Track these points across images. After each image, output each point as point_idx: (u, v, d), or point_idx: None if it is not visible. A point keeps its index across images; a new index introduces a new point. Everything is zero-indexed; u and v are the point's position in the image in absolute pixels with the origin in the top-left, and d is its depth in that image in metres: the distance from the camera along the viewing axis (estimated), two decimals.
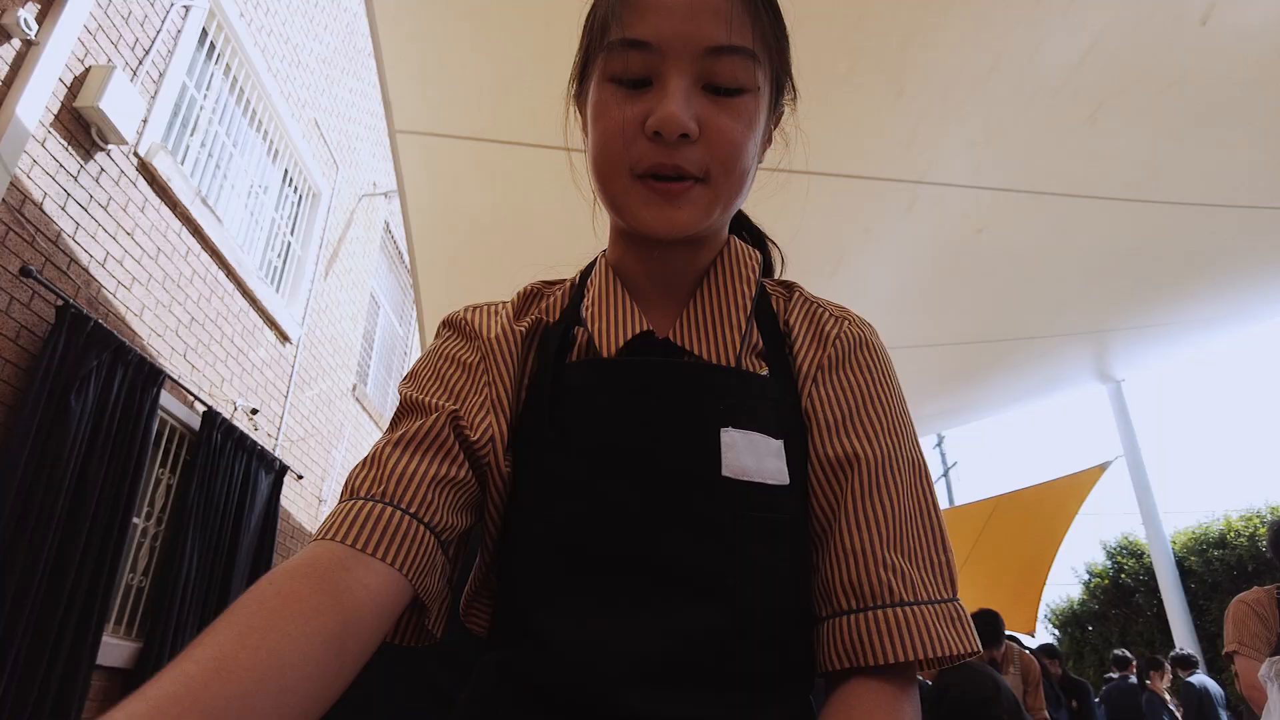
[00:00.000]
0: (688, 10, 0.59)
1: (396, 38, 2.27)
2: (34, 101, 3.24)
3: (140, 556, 4.23)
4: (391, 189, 7.93)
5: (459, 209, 2.99)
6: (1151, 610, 9.79)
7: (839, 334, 0.66)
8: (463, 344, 0.67)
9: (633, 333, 0.64)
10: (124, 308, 3.96)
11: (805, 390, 0.64)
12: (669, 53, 0.59)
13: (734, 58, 0.60)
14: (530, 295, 0.74)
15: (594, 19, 0.67)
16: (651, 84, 0.61)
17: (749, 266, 0.70)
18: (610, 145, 0.61)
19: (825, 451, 0.61)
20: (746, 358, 0.64)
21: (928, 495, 0.61)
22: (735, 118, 0.61)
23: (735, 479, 0.57)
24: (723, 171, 0.61)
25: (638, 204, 0.62)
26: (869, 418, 0.62)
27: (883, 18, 2.18)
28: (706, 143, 0.60)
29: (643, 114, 0.60)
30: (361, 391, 7.64)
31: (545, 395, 0.63)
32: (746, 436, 0.59)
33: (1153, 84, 2.43)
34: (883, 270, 3.37)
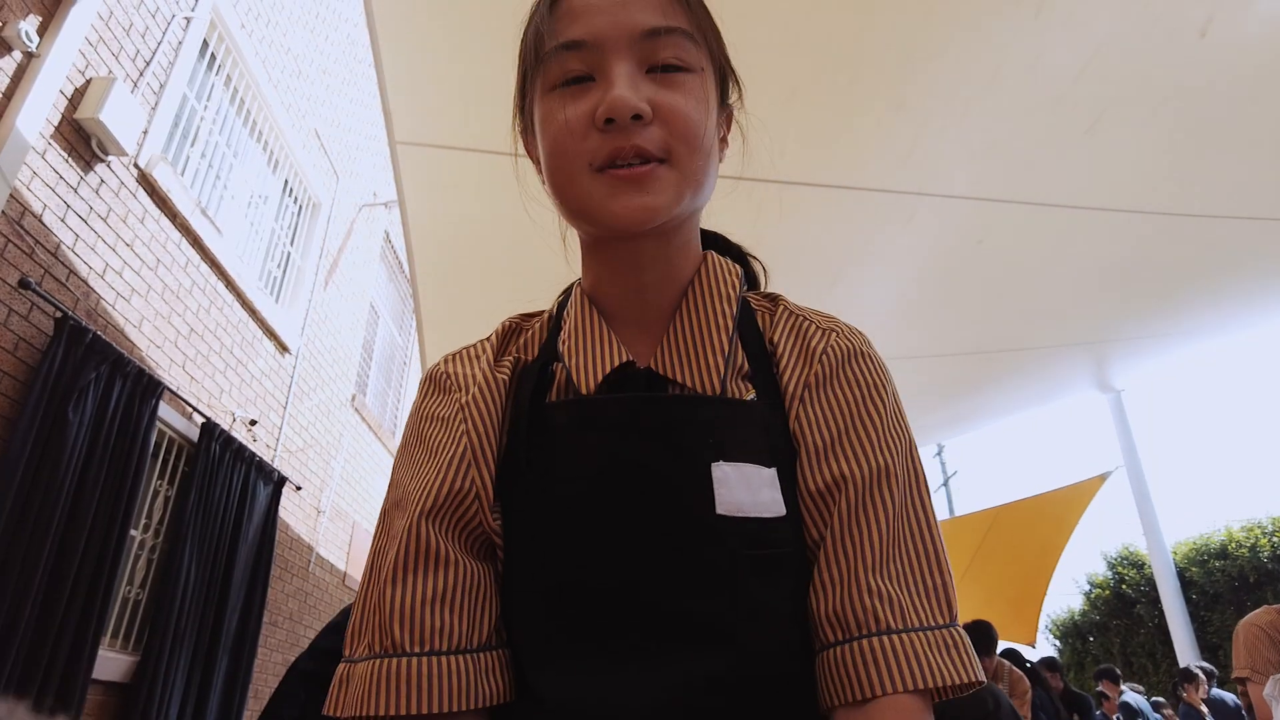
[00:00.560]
0: (616, 4, 0.59)
1: (397, 49, 2.27)
2: (34, 113, 3.25)
3: (138, 568, 4.20)
4: (391, 199, 7.94)
5: (459, 220, 2.99)
6: (1153, 621, 9.76)
7: (826, 348, 0.62)
8: (442, 399, 0.65)
9: (612, 365, 0.61)
10: (123, 319, 3.95)
11: (793, 411, 0.60)
12: (606, 44, 0.58)
13: (672, 37, 0.59)
14: (509, 331, 0.71)
15: (526, 43, 0.66)
16: (594, 80, 0.59)
17: (728, 283, 0.66)
18: (563, 145, 0.59)
19: (814, 479, 0.57)
20: (732, 382, 0.61)
21: (923, 513, 0.57)
22: (686, 94, 0.59)
23: (731, 516, 0.54)
24: (685, 148, 0.58)
25: (603, 197, 0.58)
26: (859, 435, 0.58)
27: (883, 30, 2.18)
28: (662, 122, 0.58)
29: (591, 108, 0.58)
30: (360, 402, 7.63)
31: (522, 437, 0.60)
32: (738, 469, 0.56)
33: (1152, 95, 2.43)
34: (883, 281, 3.37)
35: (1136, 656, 10.14)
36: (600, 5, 0.59)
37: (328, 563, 6.78)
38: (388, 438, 8.53)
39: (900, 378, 0.67)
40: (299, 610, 6.16)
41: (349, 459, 7.34)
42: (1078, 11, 2.12)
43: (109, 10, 3.78)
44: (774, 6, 2.10)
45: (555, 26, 0.61)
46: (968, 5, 2.12)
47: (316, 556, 6.52)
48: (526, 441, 0.60)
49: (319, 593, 6.58)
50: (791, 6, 2.11)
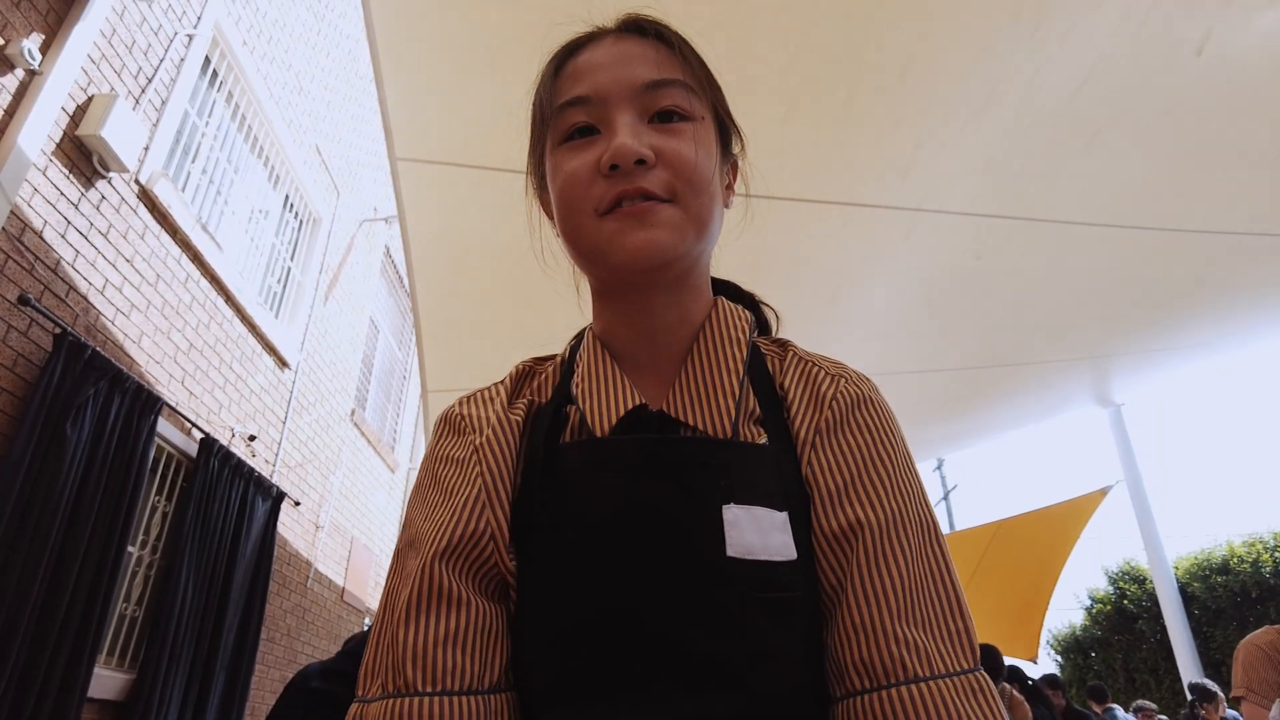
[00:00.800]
0: (617, 61, 0.63)
1: (398, 66, 2.28)
2: (36, 130, 3.26)
3: (134, 585, 4.18)
4: (392, 214, 7.96)
5: (460, 236, 3.00)
6: (1155, 637, 9.71)
7: (835, 394, 0.63)
8: (456, 440, 0.66)
9: (625, 408, 0.62)
10: (122, 335, 3.95)
11: (805, 456, 0.61)
12: (609, 98, 0.62)
13: (671, 88, 0.63)
14: (523, 375, 0.72)
15: (535, 107, 0.70)
16: (599, 133, 0.63)
17: (739, 328, 0.67)
18: (571, 193, 0.62)
19: (829, 523, 0.58)
20: (744, 426, 0.62)
21: (940, 558, 0.58)
22: (687, 140, 0.62)
23: (741, 559, 0.55)
24: (688, 189, 0.61)
25: (610, 236, 0.61)
26: (872, 481, 0.59)
27: (881, 47, 2.20)
28: (665, 165, 0.61)
29: (596, 156, 0.61)
30: (360, 416, 7.62)
31: (536, 479, 0.61)
32: (749, 512, 0.56)
33: (1149, 112, 2.44)
34: (882, 296, 3.37)
35: (1139, 672, 10.08)
36: (601, 63, 0.64)
37: (326, 578, 6.75)
38: (386, 452, 8.51)
39: (899, 392, 0.68)
40: (296, 626, 6.13)
41: (348, 474, 7.32)
42: (1075, 29, 2.13)
43: (111, 28, 3.80)
44: (771, 24, 2.12)
45: (560, 86, 0.65)
46: (965, 23, 2.13)
47: (315, 572, 6.49)
48: (540, 483, 0.60)
49: (317, 608, 6.55)
50: (789, 24, 2.12)
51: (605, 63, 0.64)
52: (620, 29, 0.68)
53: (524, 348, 3.08)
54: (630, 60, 0.63)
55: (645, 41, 0.66)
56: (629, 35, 0.67)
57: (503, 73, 2.36)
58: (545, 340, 3.16)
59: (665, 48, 0.65)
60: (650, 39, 0.66)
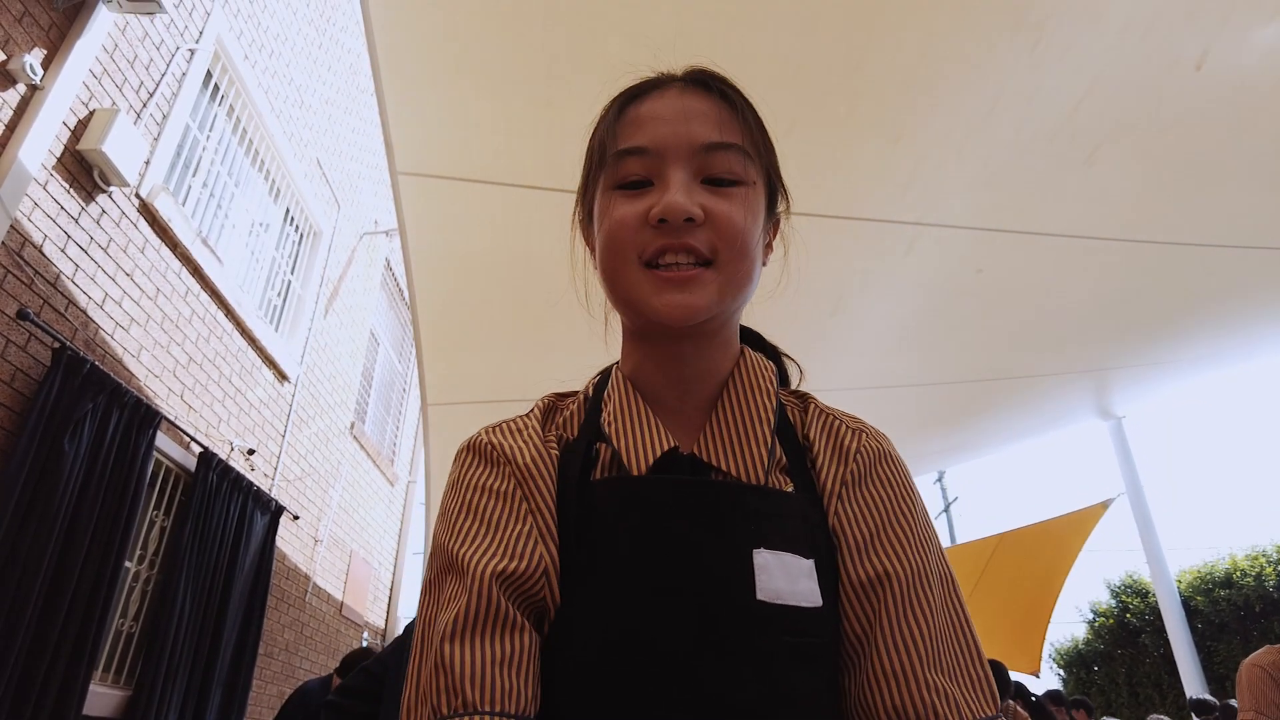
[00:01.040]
0: (680, 117, 0.65)
1: (399, 81, 2.28)
2: (37, 145, 3.26)
3: (131, 601, 4.15)
4: (392, 227, 7.97)
5: (460, 250, 3.00)
6: (1158, 651, 9.65)
7: (859, 448, 0.66)
8: (491, 471, 0.65)
9: (660, 450, 0.63)
10: (121, 349, 3.94)
11: (832, 507, 0.63)
12: (667, 153, 0.64)
13: (727, 153, 0.64)
14: (549, 409, 0.73)
15: (593, 145, 0.71)
16: (653, 184, 0.64)
17: (766, 379, 0.69)
18: (618, 238, 0.63)
19: (857, 572, 0.60)
20: (773, 474, 0.64)
21: (961, 609, 0.61)
22: (737, 204, 0.63)
23: (770, 603, 0.56)
24: (730, 252, 0.63)
25: (649, 292, 0.62)
26: (896, 534, 0.61)
27: (881, 63, 2.20)
28: (712, 226, 0.62)
29: (647, 208, 0.63)
30: (360, 430, 7.60)
31: (571, 517, 0.61)
32: (779, 558, 0.58)
33: (1149, 127, 2.45)
34: (883, 310, 3.37)
35: (1142, 687, 10.01)
36: (664, 116, 0.65)
37: (324, 592, 6.71)
38: (386, 466, 8.49)
39: (901, 405, 0.70)
40: (295, 641, 6.09)
41: (347, 487, 7.29)
42: (1075, 45, 2.14)
43: (114, 43, 3.82)
44: (773, 41, 2.12)
45: (622, 132, 0.66)
46: (965, 38, 2.14)
47: (313, 586, 6.45)
48: (576, 518, 0.61)
49: (315, 623, 6.51)
50: (790, 41, 2.12)
51: (668, 116, 0.65)
52: (686, 80, 0.69)
53: (524, 362, 3.09)
54: (692, 118, 0.64)
55: (708, 98, 0.66)
56: (694, 89, 0.67)
57: (503, 88, 2.37)
58: (545, 354, 3.16)
59: (727, 108, 0.66)
60: (714, 96, 0.67)
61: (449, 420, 3.72)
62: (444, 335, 3.37)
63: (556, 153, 2.49)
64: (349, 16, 7.19)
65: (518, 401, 3.92)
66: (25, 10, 3.28)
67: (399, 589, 9.01)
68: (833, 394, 3.94)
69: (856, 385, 3.88)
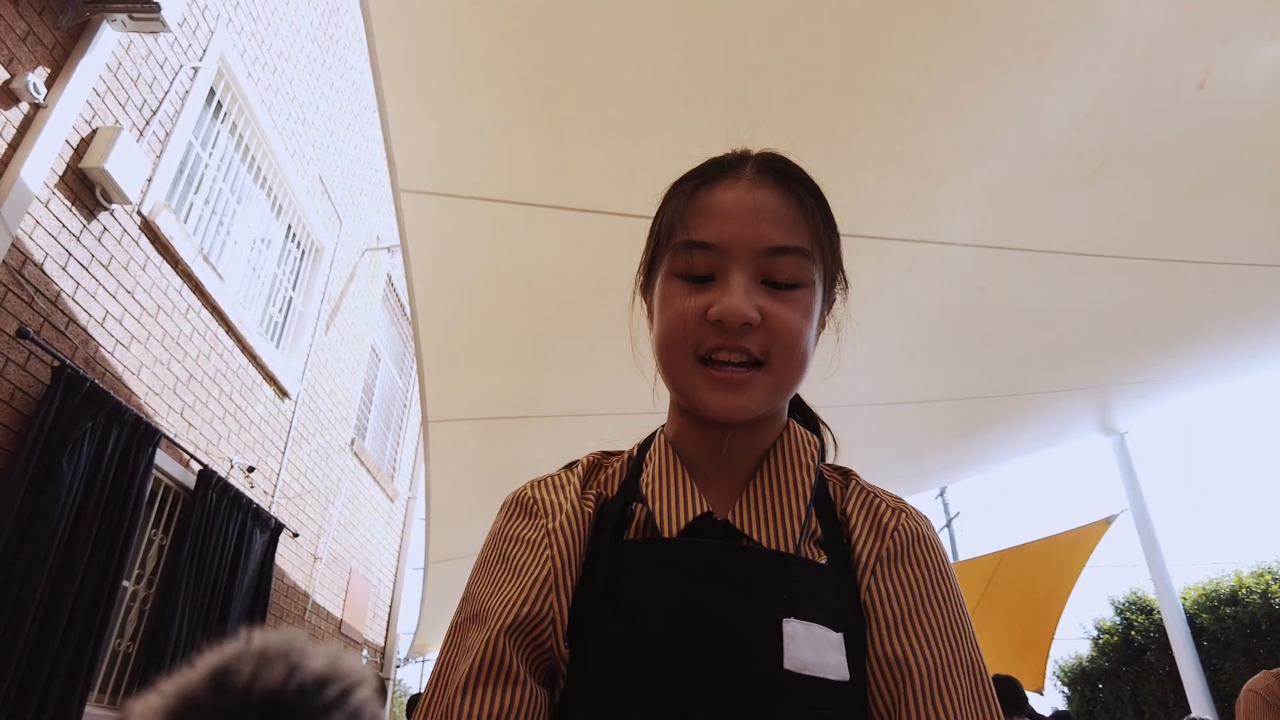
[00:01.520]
0: (748, 216, 0.65)
1: (401, 98, 2.29)
2: (39, 163, 3.27)
3: (129, 620, 4.12)
4: (394, 243, 7.99)
5: (462, 267, 2.99)
6: (1164, 669, 9.56)
7: (897, 526, 0.66)
8: (527, 523, 0.67)
9: (694, 514, 0.64)
10: (121, 366, 3.93)
11: (865, 582, 0.63)
12: (731, 252, 0.65)
13: (791, 257, 0.65)
14: (593, 467, 0.74)
15: (661, 221, 0.73)
16: (714, 279, 0.65)
17: (808, 453, 0.70)
18: (676, 331, 0.65)
19: (885, 650, 0.59)
20: (806, 545, 0.64)
21: (990, 699, 0.60)
22: (794, 309, 0.65)
23: (797, 673, 0.56)
24: (782, 357, 0.64)
25: (701, 389, 0.64)
26: (928, 617, 0.61)
27: (884, 82, 2.20)
28: (767, 330, 0.64)
29: (706, 304, 0.64)
30: (360, 446, 7.57)
31: (600, 573, 0.62)
32: (808, 628, 0.58)
33: (1151, 146, 2.44)
34: (886, 327, 3.36)
35: (1148, 705, 9.91)
36: (734, 213, 0.66)
37: (323, 610, 6.67)
38: (386, 482, 8.46)
39: (903, 422, 0.70)
40: None
41: (347, 504, 7.26)
42: (1078, 63, 2.14)
43: (117, 62, 3.83)
44: (776, 60, 2.13)
45: (691, 220, 0.67)
46: (967, 57, 2.14)
47: (312, 604, 6.41)
48: (605, 575, 0.62)
49: (314, 641, 6.45)
50: (793, 60, 2.13)
51: (736, 213, 0.65)
52: (758, 169, 0.69)
53: (525, 378, 3.07)
54: (760, 217, 0.65)
55: (779, 192, 0.67)
56: (765, 181, 0.68)
57: (505, 106, 2.37)
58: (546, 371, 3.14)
59: (796, 204, 0.67)
60: (784, 191, 0.67)
61: (449, 436, 3.71)
62: (445, 351, 3.36)
63: (558, 170, 2.49)
64: (352, 34, 7.23)
65: (519, 418, 3.90)
66: (30, 29, 3.30)
67: (398, 606, 8.95)
68: (837, 410, 3.93)
69: (860, 402, 3.87)
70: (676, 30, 2.07)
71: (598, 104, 2.29)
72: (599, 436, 0.86)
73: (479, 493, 4.00)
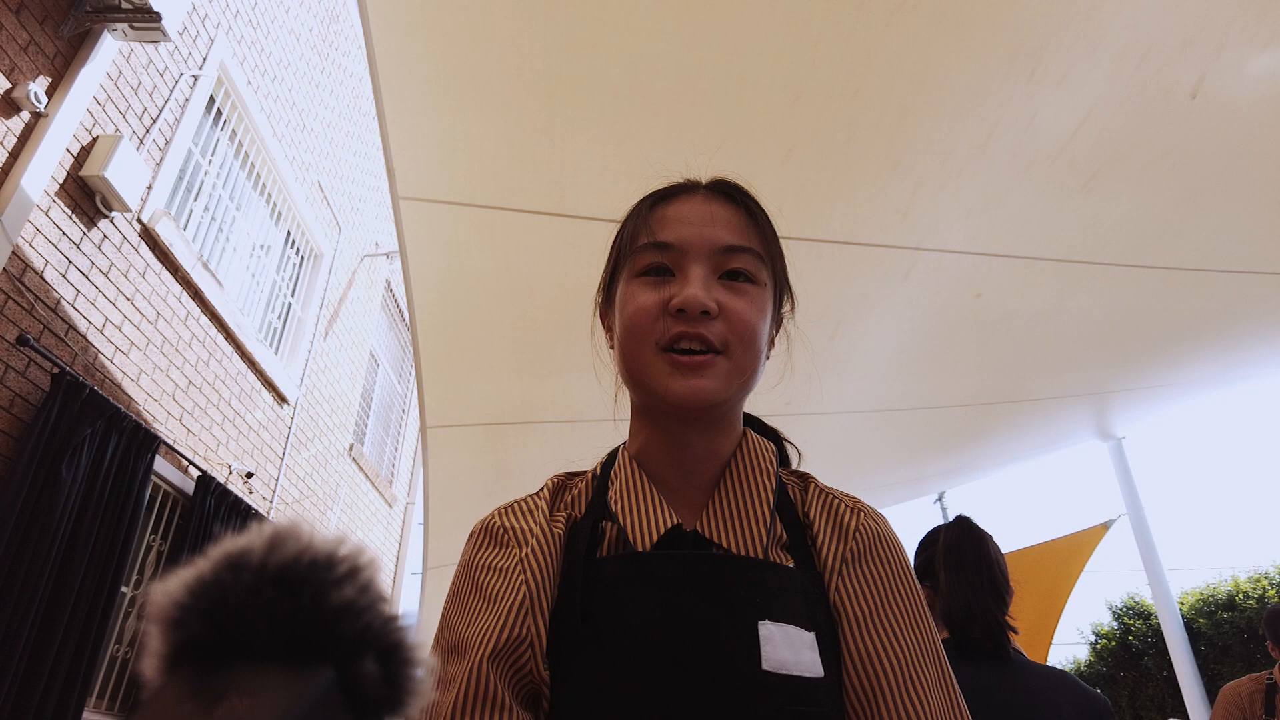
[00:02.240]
0: (704, 220, 0.71)
1: (400, 106, 2.30)
2: (40, 171, 3.28)
3: (127, 626, 4.12)
4: (393, 249, 8.00)
5: (461, 274, 3.00)
6: (1162, 674, 9.57)
7: (858, 527, 0.69)
8: (498, 552, 0.68)
9: (665, 527, 0.66)
10: (121, 373, 3.94)
11: (832, 584, 0.66)
12: (689, 250, 0.69)
13: (744, 255, 0.70)
14: (558, 488, 0.76)
15: (621, 237, 0.77)
16: (674, 275, 0.69)
17: (766, 459, 0.73)
18: (638, 323, 0.68)
19: (858, 646, 0.62)
20: (772, 550, 0.67)
21: (952, 684, 0.63)
22: (749, 302, 0.69)
23: (775, 673, 0.58)
24: (740, 345, 0.67)
25: (664, 374, 0.67)
26: (894, 612, 0.64)
27: (879, 91, 2.22)
28: (725, 320, 0.67)
29: (668, 297, 0.68)
30: (359, 451, 7.57)
31: (577, 592, 0.63)
32: (783, 629, 0.60)
33: (1145, 154, 2.46)
34: (882, 334, 3.37)
35: (1146, 710, 9.91)
36: (691, 219, 0.71)
37: None
38: (384, 487, 8.45)
39: (900, 429, 0.72)
40: None
41: (345, 509, 7.26)
42: (1071, 72, 2.16)
43: (118, 70, 3.85)
44: (771, 69, 2.14)
45: (651, 227, 0.72)
46: (963, 66, 2.16)
47: None
48: (582, 595, 0.63)
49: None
50: (788, 68, 2.15)
51: (692, 219, 0.71)
52: (710, 189, 0.75)
53: (524, 385, 3.08)
54: (715, 222, 0.71)
55: (730, 206, 0.73)
56: (717, 197, 0.74)
57: (505, 113, 2.39)
58: (544, 378, 3.15)
59: (746, 216, 0.73)
60: (736, 206, 0.74)
61: (448, 442, 3.71)
62: (444, 357, 3.37)
63: (557, 178, 2.50)
64: (351, 41, 7.26)
65: (517, 424, 3.91)
66: (31, 39, 3.31)
67: None
68: (833, 418, 3.94)
69: (856, 409, 3.88)
70: (674, 39, 2.09)
71: (597, 112, 2.31)
72: (598, 443, 0.87)
73: (477, 499, 4.01)
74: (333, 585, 0.25)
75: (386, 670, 0.25)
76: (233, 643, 0.23)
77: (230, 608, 0.24)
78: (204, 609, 0.24)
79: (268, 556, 0.25)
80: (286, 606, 0.23)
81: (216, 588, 0.24)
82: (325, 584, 0.24)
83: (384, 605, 0.25)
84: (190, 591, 0.25)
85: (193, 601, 0.24)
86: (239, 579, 0.24)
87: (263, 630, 0.23)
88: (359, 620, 0.24)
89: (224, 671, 0.23)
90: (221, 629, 0.23)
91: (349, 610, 0.24)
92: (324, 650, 0.23)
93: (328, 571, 0.25)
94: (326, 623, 0.24)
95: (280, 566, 0.25)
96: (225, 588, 0.24)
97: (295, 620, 0.23)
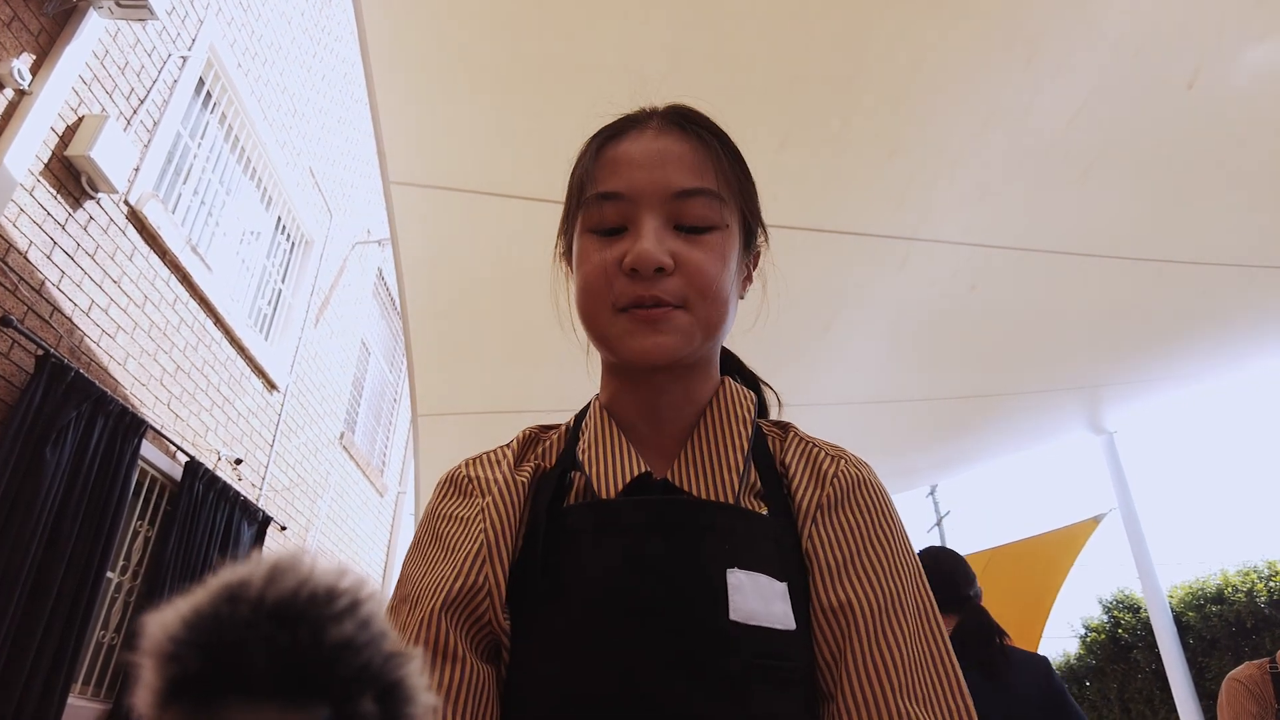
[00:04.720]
0: (654, 162, 0.66)
1: (392, 91, 2.27)
2: (24, 150, 3.23)
3: (113, 612, 4.09)
4: (384, 236, 7.95)
5: (453, 260, 2.98)
6: (1151, 667, 9.64)
7: (836, 473, 0.66)
8: (461, 501, 0.66)
9: (631, 475, 0.63)
10: (107, 356, 3.90)
11: (805, 530, 0.62)
12: (640, 200, 0.65)
13: (699, 198, 0.65)
14: (529, 440, 0.73)
15: (573, 183, 0.73)
16: (627, 230, 0.65)
17: (744, 407, 0.70)
18: (592, 285, 0.66)
19: (828, 596, 0.59)
20: (745, 498, 0.64)
21: (939, 638, 0.59)
22: (707, 251, 0.65)
23: (743, 623, 0.55)
24: (700, 299, 0.64)
25: (622, 334, 0.64)
26: (870, 560, 0.60)
27: (874, 79, 2.20)
28: (682, 274, 0.64)
29: (620, 255, 0.64)
30: (349, 439, 7.54)
31: (539, 542, 0.61)
32: (753, 578, 0.57)
33: (1141, 145, 2.45)
34: (876, 325, 3.36)
35: (1135, 703, 9.99)
36: (639, 161, 0.66)
37: None
38: (375, 476, 8.43)
39: (892, 420, 0.70)
40: None
41: (335, 498, 7.23)
42: (1067, 62, 2.14)
43: (104, 49, 3.79)
44: (766, 56, 2.12)
45: (599, 174, 0.68)
46: (959, 55, 2.14)
47: None
48: (544, 545, 0.61)
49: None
50: (783, 55, 2.12)
51: (642, 161, 0.66)
52: (664, 119, 0.70)
53: (516, 373, 3.05)
54: (666, 162, 0.66)
55: (685, 139, 0.68)
56: (670, 129, 0.68)
57: (497, 99, 2.36)
58: (537, 365, 3.12)
59: (703, 148, 0.68)
60: (690, 137, 0.68)
61: (439, 431, 3.69)
62: (435, 345, 3.34)
63: (550, 164, 2.46)
64: (343, 26, 7.18)
65: (509, 413, 3.89)
66: (14, 15, 3.26)
67: None
68: (826, 408, 3.93)
69: (849, 400, 3.87)
70: (667, 24, 2.06)
71: (588, 97, 2.28)
72: None
73: None
74: (332, 620, 0.24)
75: (385, 709, 0.24)
76: (227, 678, 0.22)
77: (226, 642, 0.23)
78: (199, 643, 0.23)
79: (266, 588, 0.24)
80: (283, 642, 0.23)
81: (213, 620, 0.24)
82: (324, 619, 0.24)
83: (385, 641, 0.25)
84: (186, 624, 0.24)
85: (188, 635, 0.23)
86: (236, 612, 0.24)
87: (259, 666, 0.22)
88: (358, 658, 0.24)
89: (218, 708, 0.22)
90: (217, 664, 0.22)
91: (348, 647, 0.24)
92: (321, 688, 0.22)
93: (327, 606, 0.24)
94: (324, 660, 0.23)
95: (278, 600, 0.24)
96: (221, 621, 0.23)
97: (292, 656, 0.23)
